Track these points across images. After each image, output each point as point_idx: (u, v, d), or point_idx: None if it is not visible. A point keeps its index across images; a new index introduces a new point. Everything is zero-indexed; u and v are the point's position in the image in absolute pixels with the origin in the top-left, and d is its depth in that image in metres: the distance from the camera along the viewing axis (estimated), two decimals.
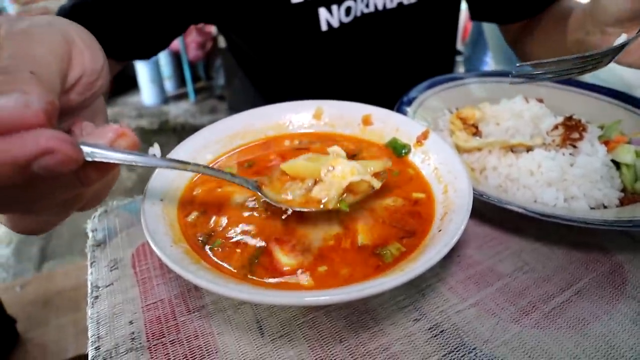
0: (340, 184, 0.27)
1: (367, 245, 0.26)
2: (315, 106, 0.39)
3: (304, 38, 0.58)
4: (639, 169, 0.37)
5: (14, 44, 0.19)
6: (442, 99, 0.48)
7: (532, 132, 0.42)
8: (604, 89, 0.49)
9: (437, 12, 0.63)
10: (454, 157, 0.30)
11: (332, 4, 0.55)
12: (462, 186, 0.27)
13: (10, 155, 0.16)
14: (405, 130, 0.35)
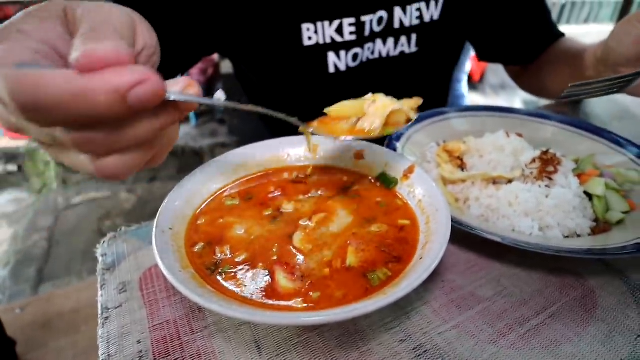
0: (383, 113, 0.31)
1: (356, 267, 0.29)
2: (312, 142, 0.42)
3: (312, 78, 0.63)
4: (610, 200, 0.40)
5: (92, 16, 0.23)
6: (429, 133, 0.52)
7: (513, 165, 0.45)
8: (583, 124, 0.53)
9: (435, 60, 0.69)
10: (436, 191, 0.33)
11: (341, 50, 0.61)
12: (441, 219, 0.30)
13: (113, 84, 0.19)
14: (393, 165, 0.39)
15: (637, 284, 0.35)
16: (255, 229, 0.33)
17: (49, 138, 0.23)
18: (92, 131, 0.21)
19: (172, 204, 0.33)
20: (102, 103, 0.19)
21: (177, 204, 0.34)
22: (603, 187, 0.40)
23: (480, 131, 0.52)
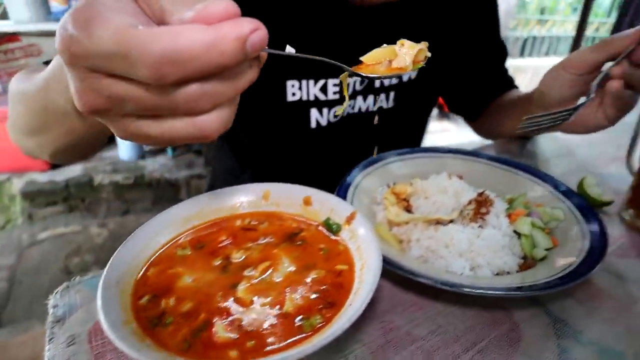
0: (412, 52, 0.36)
1: (292, 314, 0.31)
2: (264, 189, 0.45)
3: (293, 132, 0.66)
4: (536, 238, 0.44)
5: None
6: (380, 175, 0.56)
7: (454, 206, 0.49)
8: (518, 164, 0.58)
9: (410, 114, 0.74)
10: (372, 237, 0.36)
11: (324, 107, 0.64)
12: (372, 265, 0.33)
13: (237, 31, 0.21)
14: (337, 211, 0.41)
15: (557, 316, 0.39)
16: (203, 279, 0.35)
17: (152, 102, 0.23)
18: (209, 83, 0.23)
19: (122, 257, 0.35)
20: (229, 51, 0.21)
21: (127, 256, 0.35)
22: (529, 226, 0.44)
23: (427, 172, 0.56)
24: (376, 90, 0.67)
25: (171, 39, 0.20)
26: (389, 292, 0.41)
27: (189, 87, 0.23)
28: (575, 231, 0.45)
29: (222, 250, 0.39)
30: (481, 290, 0.35)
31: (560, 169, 0.70)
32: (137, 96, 0.23)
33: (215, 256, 0.38)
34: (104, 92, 0.23)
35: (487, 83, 0.80)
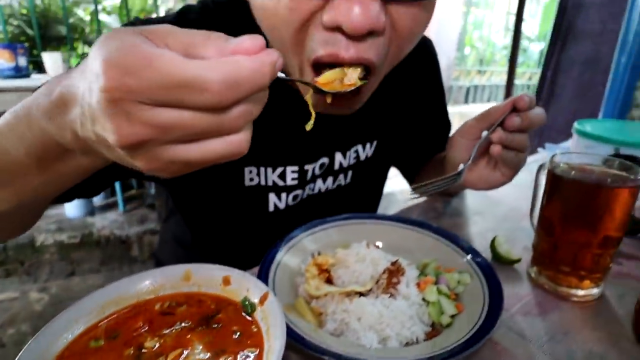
0: (356, 70, 0.44)
1: None
2: (185, 269, 0.46)
3: (251, 215, 0.66)
4: (442, 305, 0.48)
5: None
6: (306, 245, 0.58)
7: (373, 274, 0.52)
8: (431, 227, 0.62)
9: (367, 187, 0.78)
10: (279, 321, 0.38)
11: (282, 192, 0.65)
12: (275, 349, 0.35)
13: (271, 58, 0.26)
14: (253, 291, 0.43)
15: None
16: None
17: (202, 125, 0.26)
18: (247, 103, 0.27)
19: (32, 352, 0.35)
20: (268, 74, 0.26)
21: (37, 351, 0.35)
22: (436, 294, 0.48)
23: (349, 241, 0.59)
24: (335, 172, 0.71)
25: (233, 67, 0.24)
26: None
27: (236, 108, 0.26)
28: (479, 294, 0.50)
29: (137, 338, 0.39)
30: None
31: (479, 226, 0.76)
32: (188, 121, 0.25)
33: (129, 346, 0.38)
34: (152, 122, 0.25)
35: (431, 152, 0.88)
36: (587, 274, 0.54)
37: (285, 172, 0.64)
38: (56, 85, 0.30)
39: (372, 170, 0.77)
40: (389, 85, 0.67)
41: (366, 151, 0.73)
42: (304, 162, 0.65)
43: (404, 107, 0.77)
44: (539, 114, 0.59)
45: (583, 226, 0.53)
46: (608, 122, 0.85)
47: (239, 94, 0.25)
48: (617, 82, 1.01)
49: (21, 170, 0.37)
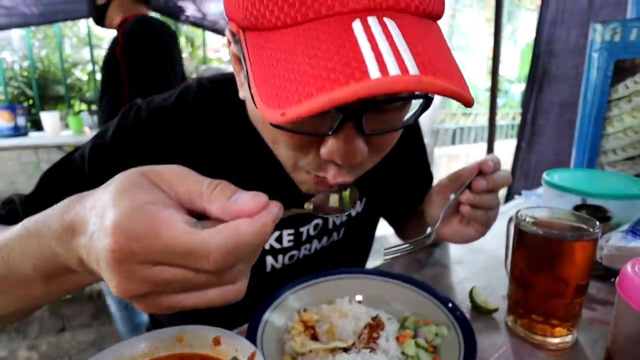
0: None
1: None
2: (178, 331, 0.49)
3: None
4: (421, 358, 0.51)
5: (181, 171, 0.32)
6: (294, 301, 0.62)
7: (355, 329, 0.55)
8: (411, 280, 0.66)
9: (356, 246, 0.83)
10: None
11: (279, 254, 0.70)
12: None
13: (273, 216, 0.29)
14: (242, 350, 0.46)
15: None
16: None
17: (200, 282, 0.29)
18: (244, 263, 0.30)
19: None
20: (268, 233, 0.29)
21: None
22: (414, 348, 0.51)
23: (334, 296, 0.63)
24: (329, 231, 0.76)
25: (233, 236, 0.27)
26: None
27: (237, 267, 0.29)
28: (455, 346, 0.53)
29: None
30: None
31: (459, 276, 0.79)
32: (187, 278, 0.28)
33: None
34: (153, 280, 0.27)
35: (416, 202, 0.93)
36: (559, 323, 0.58)
37: (281, 236, 0.69)
38: (69, 210, 0.33)
39: (362, 225, 0.83)
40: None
41: (356, 209, 0.78)
42: (299, 226, 0.70)
43: (389, 167, 0.82)
44: (504, 177, 0.64)
45: (549, 277, 0.57)
46: (575, 172, 0.91)
47: (238, 259, 0.28)
48: (584, 133, 1.08)
49: (27, 281, 0.39)
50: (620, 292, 0.48)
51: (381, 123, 0.47)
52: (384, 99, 0.44)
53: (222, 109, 0.64)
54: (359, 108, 0.42)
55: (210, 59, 3.96)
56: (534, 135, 3.12)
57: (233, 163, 0.65)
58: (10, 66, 3.31)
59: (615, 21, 1.01)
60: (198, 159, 0.62)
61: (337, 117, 0.43)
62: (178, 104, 0.63)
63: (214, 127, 0.64)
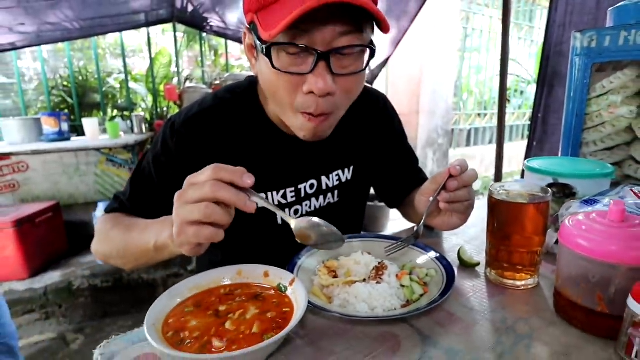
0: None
1: (257, 333, 0.54)
2: (238, 268, 0.69)
3: (265, 229, 0.92)
4: (413, 287, 0.69)
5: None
6: (318, 255, 0.81)
7: (365, 272, 0.74)
8: (415, 243, 0.84)
9: (351, 204, 1.03)
10: (303, 292, 0.60)
11: (285, 208, 0.91)
12: (301, 305, 0.57)
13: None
14: (285, 278, 0.66)
15: (424, 333, 0.62)
16: (204, 321, 0.58)
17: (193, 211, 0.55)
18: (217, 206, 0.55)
19: (152, 311, 0.57)
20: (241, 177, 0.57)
21: (155, 311, 0.58)
22: (409, 280, 0.70)
23: (349, 251, 0.82)
24: (324, 192, 0.96)
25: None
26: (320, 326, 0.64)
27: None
28: (440, 282, 0.71)
29: (213, 305, 0.62)
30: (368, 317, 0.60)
31: (452, 242, 0.98)
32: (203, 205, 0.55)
33: (209, 309, 0.61)
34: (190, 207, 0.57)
35: (402, 180, 1.11)
36: (522, 268, 0.75)
37: (285, 193, 0.91)
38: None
39: (354, 191, 1.02)
40: (355, 126, 0.98)
41: (346, 175, 0.99)
42: (297, 183, 0.92)
43: (369, 142, 1.03)
44: (471, 175, 0.75)
45: (513, 233, 0.75)
46: (552, 159, 1.08)
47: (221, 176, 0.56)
48: (568, 127, 1.24)
49: (146, 248, 0.70)
50: (560, 238, 0.65)
51: (344, 68, 0.69)
52: (343, 45, 0.66)
53: (236, 105, 0.88)
54: (327, 52, 0.65)
55: (233, 66, 4.21)
56: (545, 135, 3.23)
57: (251, 147, 0.88)
58: (52, 76, 3.62)
59: (592, 30, 1.18)
60: (224, 148, 0.86)
61: (313, 60, 0.65)
62: (199, 111, 0.86)
63: (231, 121, 0.87)
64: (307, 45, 0.64)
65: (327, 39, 0.64)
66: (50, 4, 2.53)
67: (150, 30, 3.60)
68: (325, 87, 0.66)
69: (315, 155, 0.93)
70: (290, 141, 0.89)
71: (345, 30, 0.64)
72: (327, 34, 0.64)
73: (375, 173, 1.08)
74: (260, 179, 0.89)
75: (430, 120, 4.80)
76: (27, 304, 2.72)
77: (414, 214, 1.00)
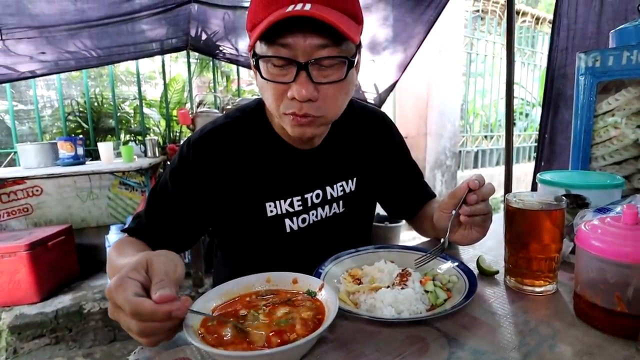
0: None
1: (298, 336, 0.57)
2: (268, 275, 0.72)
3: (273, 237, 0.96)
4: (437, 293, 0.72)
5: (158, 268, 0.56)
6: (342, 265, 0.84)
7: (389, 279, 0.77)
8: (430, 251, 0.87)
9: (357, 216, 1.07)
10: (333, 296, 0.63)
11: (293, 217, 0.95)
12: (332, 309, 0.59)
13: (168, 309, 0.51)
14: (313, 285, 0.69)
15: (450, 335, 0.64)
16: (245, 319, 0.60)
17: (129, 326, 0.52)
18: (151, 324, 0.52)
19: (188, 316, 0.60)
20: (162, 316, 0.50)
21: (191, 315, 0.61)
22: (432, 286, 0.72)
23: (372, 260, 0.84)
24: (329, 201, 1.00)
25: (140, 306, 0.50)
26: (349, 329, 0.66)
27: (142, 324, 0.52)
28: (462, 288, 0.73)
29: (249, 305, 0.65)
30: (397, 319, 0.62)
31: (471, 253, 1.00)
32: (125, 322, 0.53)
33: (246, 308, 0.64)
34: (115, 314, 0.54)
35: (408, 192, 1.15)
36: (540, 275, 0.78)
37: (292, 202, 0.95)
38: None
39: (358, 202, 1.05)
40: (356, 140, 1.04)
41: (349, 186, 1.03)
42: (304, 192, 0.96)
43: (370, 154, 1.08)
44: (489, 189, 0.79)
45: (531, 241, 0.77)
46: (564, 172, 1.11)
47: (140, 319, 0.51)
48: (577, 143, 1.28)
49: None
50: (577, 242, 0.68)
51: (325, 77, 0.76)
52: (321, 57, 0.73)
53: (245, 121, 0.95)
54: (306, 63, 0.72)
55: (244, 91, 4.32)
56: (552, 154, 3.26)
57: (259, 159, 0.93)
58: (68, 102, 3.73)
59: (596, 51, 1.23)
60: (235, 160, 0.92)
61: (295, 70, 0.73)
62: (213, 127, 0.94)
63: (241, 135, 0.93)
64: (288, 57, 0.73)
65: (307, 51, 0.72)
66: (70, 34, 2.65)
67: (164, 58, 3.73)
68: (306, 93, 0.73)
69: (320, 167, 0.98)
70: (296, 153, 0.95)
71: (322, 43, 0.72)
72: (306, 47, 0.72)
73: (379, 185, 1.12)
74: (268, 187, 0.95)
75: (437, 143, 4.86)
76: (38, 328, 2.71)
77: (431, 229, 1.03)
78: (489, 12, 5.74)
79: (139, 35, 3.01)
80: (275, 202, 0.94)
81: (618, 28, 1.29)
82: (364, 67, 3.16)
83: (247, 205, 0.93)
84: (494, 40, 5.92)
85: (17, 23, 2.30)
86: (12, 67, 2.71)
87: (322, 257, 0.85)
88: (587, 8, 2.39)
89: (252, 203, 0.93)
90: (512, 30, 3.16)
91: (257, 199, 0.93)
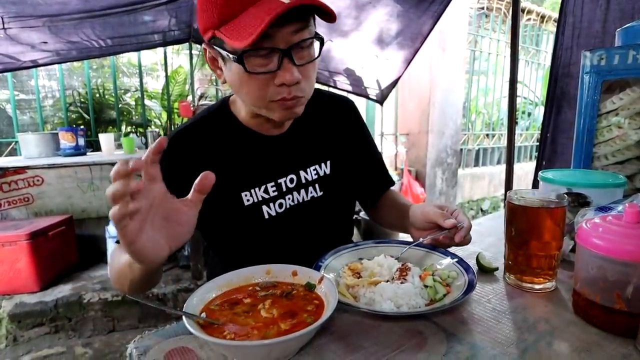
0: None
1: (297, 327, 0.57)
2: (267, 267, 0.72)
3: (252, 225, 0.95)
4: (436, 288, 0.72)
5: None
6: (342, 258, 0.84)
7: (388, 273, 0.77)
8: (435, 248, 0.87)
9: (337, 200, 1.06)
10: (332, 289, 0.63)
11: (270, 202, 0.95)
12: (331, 302, 0.59)
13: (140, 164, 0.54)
14: (313, 277, 0.69)
15: (449, 330, 0.64)
16: (239, 310, 0.60)
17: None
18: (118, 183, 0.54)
19: (188, 306, 0.60)
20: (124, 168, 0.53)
21: (190, 305, 0.61)
22: (432, 281, 0.72)
23: (372, 255, 0.84)
24: (304, 185, 0.99)
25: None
26: (348, 322, 0.67)
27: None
28: (461, 283, 0.73)
29: (250, 296, 0.65)
30: (396, 313, 0.62)
31: (470, 250, 1.00)
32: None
33: (246, 298, 0.64)
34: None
35: (372, 180, 1.16)
36: (540, 272, 0.78)
37: (267, 188, 0.95)
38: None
39: (335, 184, 1.05)
40: (325, 125, 1.05)
41: (323, 169, 1.02)
42: (277, 178, 0.96)
43: (341, 138, 1.08)
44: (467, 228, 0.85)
45: (531, 238, 0.77)
46: (565, 170, 1.11)
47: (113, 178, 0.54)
48: (580, 142, 1.28)
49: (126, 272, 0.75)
50: (578, 240, 0.68)
51: (303, 58, 0.78)
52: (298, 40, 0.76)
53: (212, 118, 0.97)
54: (288, 48, 0.75)
55: None
56: (554, 154, 3.25)
57: (229, 151, 0.94)
58: (70, 93, 3.73)
59: (602, 49, 1.22)
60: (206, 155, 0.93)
61: (278, 57, 0.75)
62: (182, 127, 0.97)
63: (210, 132, 0.95)
64: (272, 47, 0.75)
65: (286, 37, 0.75)
66: (73, 24, 2.64)
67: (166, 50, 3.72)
68: (293, 77, 0.76)
69: (290, 151, 0.98)
70: (265, 140, 0.95)
71: (297, 27, 0.75)
72: (285, 34, 0.74)
73: (352, 169, 1.11)
74: (242, 177, 0.95)
75: (439, 140, 4.85)
76: (37, 317, 2.73)
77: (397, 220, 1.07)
78: (494, 10, 5.70)
79: (141, 26, 3.00)
80: (251, 190, 0.94)
81: (624, 27, 1.28)
82: (367, 62, 3.14)
83: (224, 198, 0.93)
84: (498, 38, 5.88)
85: (19, 11, 2.29)
86: (13, 56, 2.70)
87: (306, 241, 0.87)
88: (593, 6, 2.36)
89: (229, 195, 0.93)
90: (517, 28, 3.14)
91: (233, 191, 0.93)
